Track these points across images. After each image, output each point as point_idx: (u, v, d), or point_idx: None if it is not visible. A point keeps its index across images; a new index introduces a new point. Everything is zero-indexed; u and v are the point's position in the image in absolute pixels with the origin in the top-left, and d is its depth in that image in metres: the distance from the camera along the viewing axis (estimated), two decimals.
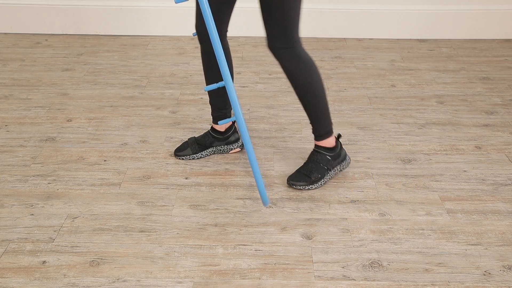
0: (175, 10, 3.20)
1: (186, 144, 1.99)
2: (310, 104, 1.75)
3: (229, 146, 1.99)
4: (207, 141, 1.97)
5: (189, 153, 1.96)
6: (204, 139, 1.98)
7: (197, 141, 1.98)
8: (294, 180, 1.81)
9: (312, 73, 1.70)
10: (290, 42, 1.64)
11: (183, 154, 1.97)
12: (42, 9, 3.20)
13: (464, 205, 1.74)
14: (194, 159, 1.96)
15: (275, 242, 1.58)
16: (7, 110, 2.33)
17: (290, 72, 1.69)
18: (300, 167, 1.84)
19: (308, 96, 1.73)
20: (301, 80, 1.69)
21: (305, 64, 1.68)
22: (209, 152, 1.98)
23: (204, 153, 1.97)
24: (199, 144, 1.97)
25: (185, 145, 1.99)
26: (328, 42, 3.16)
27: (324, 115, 1.78)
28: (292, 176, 1.82)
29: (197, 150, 1.97)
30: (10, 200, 1.75)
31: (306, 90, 1.71)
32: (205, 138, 1.98)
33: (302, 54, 1.67)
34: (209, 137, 1.98)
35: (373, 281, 1.44)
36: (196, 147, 1.97)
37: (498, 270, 1.48)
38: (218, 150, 1.99)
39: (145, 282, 1.43)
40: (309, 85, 1.70)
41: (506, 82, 2.64)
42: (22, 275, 1.45)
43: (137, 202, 1.75)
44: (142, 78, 2.67)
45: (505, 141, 2.11)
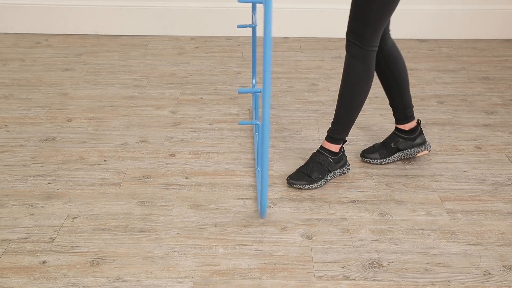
0: (175, 10, 3.20)
1: (374, 148, 1.97)
2: (343, 106, 1.76)
3: (416, 148, 1.95)
4: (393, 142, 1.95)
5: (377, 157, 1.95)
6: (390, 140, 1.96)
7: (384, 144, 1.96)
8: (294, 179, 1.81)
9: (363, 81, 1.71)
10: (368, 44, 1.65)
11: (371, 157, 1.95)
12: (42, 9, 3.20)
13: (464, 205, 1.74)
14: (382, 163, 1.95)
15: (275, 242, 1.58)
16: (7, 110, 2.33)
17: (347, 67, 1.71)
18: (301, 167, 1.84)
19: (346, 98, 1.75)
20: (353, 79, 1.70)
21: (365, 70, 1.70)
22: (396, 158, 1.95)
23: (391, 158, 1.95)
24: (386, 147, 1.95)
25: (373, 149, 1.97)
26: (328, 42, 3.16)
27: (348, 123, 1.80)
28: (292, 175, 1.82)
29: (385, 155, 1.95)
30: (10, 200, 1.75)
31: (350, 92, 1.73)
32: (391, 139, 1.96)
33: (369, 62, 1.69)
34: (395, 137, 1.95)
35: (373, 281, 1.44)
36: (384, 151, 1.95)
37: (498, 270, 1.48)
38: (405, 154, 1.95)
39: (145, 282, 1.43)
40: (354, 90, 1.72)
41: (506, 82, 2.64)
42: (22, 275, 1.45)
43: (137, 202, 1.75)
44: (142, 78, 2.67)
45: (505, 141, 2.11)
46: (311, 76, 2.70)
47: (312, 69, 2.78)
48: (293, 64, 2.84)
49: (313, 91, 2.53)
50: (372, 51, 1.68)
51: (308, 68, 2.79)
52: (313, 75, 2.71)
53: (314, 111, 2.34)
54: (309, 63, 2.86)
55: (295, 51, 3.03)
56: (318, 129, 2.19)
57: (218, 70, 2.77)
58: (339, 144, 1.84)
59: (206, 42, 3.14)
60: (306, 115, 2.31)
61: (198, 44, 3.11)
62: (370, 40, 1.65)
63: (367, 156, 1.95)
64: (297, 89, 2.54)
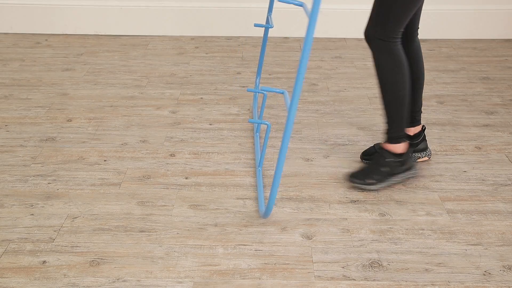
0: (175, 10, 3.20)
1: (374, 149, 1.93)
2: (390, 103, 1.74)
3: (417, 154, 1.94)
4: None
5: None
6: None
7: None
8: (353, 177, 1.80)
9: (396, 73, 1.69)
10: (387, 36, 1.64)
11: (371, 159, 1.91)
12: (42, 9, 3.20)
13: (464, 205, 1.74)
14: None
15: (275, 242, 1.58)
16: (7, 110, 2.33)
17: (376, 64, 1.70)
18: (365, 166, 1.83)
19: (388, 95, 1.73)
20: (384, 74, 1.69)
21: (393, 61, 1.67)
22: None
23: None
24: None
25: (373, 149, 1.93)
26: (328, 42, 3.16)
27: (401, 118, 1.76)
28: (354, 173, 1.81)
29: None
30: (10, 200, 1.75)
31: (388, 88, 1.71)
32: None
33: (394, 52, 1.67)
34: None
35: (373, 281, 1.44)
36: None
37: (498, 270, 1.48)
38: None
39: (145, 282, 1.43)
40: (390, 83, 1.70)
41: (506, 82, 2.64)
42: (22, 275, 1.45)
43: (137, 202, 1.75)
44: (142, 78, 2.67)
45: (505, 141, 2.11)
46: (311, 76, 2.70)
47: (312, 69, 2.78)
48: (293, 64, 2.84)
49: (313, 91, 2.53)
50: (395, 42, 1.66)
51: (308, 68, 2.79)
52: (313, 75, 2.71)
53: (314, 111, 2.34)
54: (309, 63, 2.86)
55: (295, 51, 3.03)
56: (318, 129, 2.19)
57: (218, 70, 2.77)
58: (399, 143, 1.79)
59: (206, 42, 3.14)
60: (306, 115, 2.31)
61: (198, 44, 3.11)
62: (392, 32, 1.64)
63: (367, 158, 1.94)
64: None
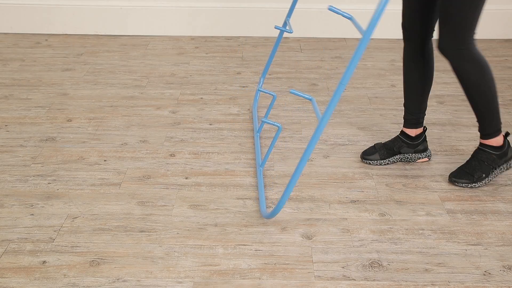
0: (175, 10, 3.20)
1: (374, 148, 1.95)
2: (478, 103, 1.74)
3: (417, 155, 1.94)
4: (395, 146, 1.93)
5: (377, 158, 1.93)
6: (393, 143, 1.94)
7: (385, 146, 1.95)
8: (456, 177, 1.81)
9: (483, 74, 1.69)
10: (463, 43, 1.63)
11: (371, 158, 1.93)
12: (42, 9, 3.20)
13: (464, 205, 1.74)
14: (382, 164, 1.94)
15: (275, 242, 1.58)
16: (7, 110, 2.33)
17: (459, 72, 1.69)
18: (463, 165, 1.83)
19: (476, 96, 1.73)
20: (470, 80, 1.69)
21: (476, 65, 1.67)
22: (396, 159, 1.94)
23: (391, 160, 1.94)
24: (387, 149, 1.94)
25: (373, 149, 1.95)
26: (328, 42, 3.16)
27: (493, 115, 1.76)
28: (455, 173, 1.82)
29: (385, 156, 1.93)
30: (10, 200, 1.75)
31: (475, 90, 1.71)
32: (394, 143, 1.94)
33: (475, 55, 1.66)
34: (398, 142, 1.93)
35: (373, 281, 1.44)
36: (384, 152, 1.93)
37: (498, 270, 1.48)
38: (406, 157, 1.94)
39: (145, 282, 1.43)
40: (478, 86, 1.70)
41: (506, 82, 2.64)
42: (22, 275, 1.45)
43: (137, 202, 1.75)
44: (142, 78, 2.67)
45: None
46: (311, 76, 2.70)
47: (312, 69, 2.78)
48: (293, 64, 2.84)
49: (313, 91, 2.53)
50: (472, 46, 1.65)
51: (308, 68, 2.79)
52: (313, 75, 2.71)
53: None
54: (309, 63, 2.86)
55: (295, 51, 3.03)
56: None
57: (218, 70, 2.77)
58: (497, 136, 1.79)
59: (206, 42, 3.14)
60: (306, 115, 2.31)
61: (198, 44, 3.11)
62: (468, 38, 1.63)
63: (367, 158, 1.94)
64: (297, 89, 2.54)
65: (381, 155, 1.94)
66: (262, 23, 3.21)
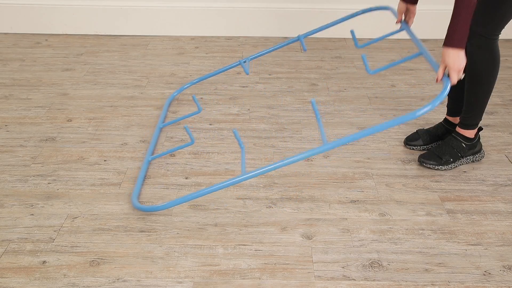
0: (175, 10, 3.20)
1: (417, 134, 2.03)
2: (473, 94, 1.81)
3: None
4: (439, 132, 2.01)
5: (420, 143, 2.01)
6: (436, 130, 2.02)
7: (428, 132, 2.02)
8: (425, 158, 1.90)
9: (492, 70, 1.76)
10: (492, 33, 1.71)
11: (415, 144, 2.02)
12: (42, 9, 3.20)
13: (464, 205, 1.74)
14: (425, 150, 2.01)
15: (275, 242, 1.58)
16: (7, 110, 2.33)
17: (474, 61, 1.75)
18: (434, 148, 1.92)
19: (475, 87, 1.79)
20: (479, 69, 1.74)
21: (494, 58, 1.74)
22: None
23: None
24: (430, 135, 2.01)
25: (416, 135, 2.03)
26: (328, 42, 3.16)
27: (481, 109, 1.85)
28: (424, 155, 1.91)
29: (428, 141, 2.01)
30: (10, 200, 1.75)
31: (477, 81, 1.77)
32: (437, 129, 2.02)
33: (496, 49, 1.74)
34: (441, 128, 2.01)
35: (373, 281, 1.44)
36: (427, 138, 2.01)
37: (498, 270, 1.48)
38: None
39: (145, 282, 1.43)
40: (482, 79, 1.77)
41: (506, 82, 2.64)
42: (22, 275, 1.45)
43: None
44: (142, 78, 2.67)
45: (505, 141, 2.11)
46: (311, 76, 2.70)
47: (312, 69, 2.78)
48: (293, 64, 2.84)
49: (313, 91, 2.53)
50: (496, 40, 1.73)
51: (308, 68, 2.79)
52: (313, 75, 2.71)
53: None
54: (309, 63, 2.86)
55: (295, 51, 3.03)
56: (318, 129, 2.19)
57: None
58: (473, 130, 1.89)
59: (206, 42, 3.14)
60: (306, 115, 2.31)
61: (198, 44, 3.11)
62: (495, 30, 1.71)
63: (410, 144, 2.03)
64: (297, 89, 2.54)
65: (424, 140, 2.01)
66: (262, 23, 3.21)
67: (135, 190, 1.75)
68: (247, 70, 2.12)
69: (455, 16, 1.53)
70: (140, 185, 1.79)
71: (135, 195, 1.73)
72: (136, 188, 1.76)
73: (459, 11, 1.51)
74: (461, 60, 1.54)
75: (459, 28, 1.52)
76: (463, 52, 1.54)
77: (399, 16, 1.92)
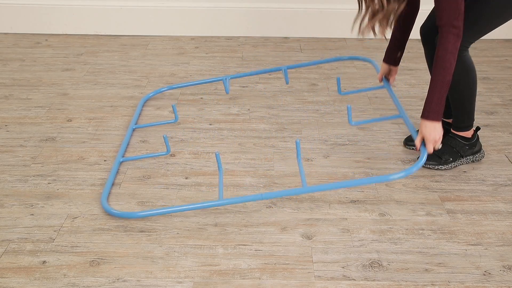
0: (175, 10, 3.20)
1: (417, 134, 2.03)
2: (456, 101, 1.85)
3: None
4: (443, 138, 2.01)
5: None
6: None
7: None
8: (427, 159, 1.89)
9: (467, 78, 1.78)
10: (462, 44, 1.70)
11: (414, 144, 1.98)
12: (42, 9, 3.20)
13: (464, 205, 1.74)
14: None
15: (275, 242, 1.58)
16: (7, 110, 2.33)
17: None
18: None
19: (456, 94, 1.83)
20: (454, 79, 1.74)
21: (464, 68, 1.76)
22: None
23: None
24: None
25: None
26: (328, 42, 3.16)
27: (466, 113, 1.88)
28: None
29: None
30: (10, 200, 1.75)
31: (457, 89, 1.81)
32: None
33: (466, 61, 1.76)
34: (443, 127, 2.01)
35: (373, 281, 1.44)
36: None
37: (498, 270, 1.48)
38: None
39: (145, 282, 1.43)
40: (460, 86, 1.80)
41: (506, 82, 2.64)
42: (22, 275, 1.45)
43: (137, 202, 1.75)
44: (142, 78, 2.67)
45: (505, 141, 2.11)
46: (311, 76, 2.70)
47: (312, 69, 2.78)
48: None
49: (313, 91, 2.53)
50: (464, 51, 1.73)
51: (308, 68, 2.79)
52: (313, 75, 2.71)
53: (314, 111, 2.34)
54: None
55: (295, 51, 3.03)
56: (318, 129, 2.19)
57: (218, 70, 2.77)
58: (468, 131, 1.90)
59: (206, 42, 3.14)
60: (306, 115, 2.31)
61: (198, 44, 3.11)
62: (467, 43, 1.71)
63: (410, 144, 2.03)
64: (297, 89, 2.54)
65: None
66: (262, 23, 3.21)
67: (104, 191, 1.75)
68: (227, 89, 2.20)
69: (430, 93, 1.63)
70: (109, 186, 1.78)
71: (104, 196, 1.73)
72: (105, 189, 1.76)
73: (434, 89, 1.62)
74: (437, 132, 1.64)
75: (434, 103, 1.63)
76: (439, 124, 1.65)
77: (380, 76, 2.04)
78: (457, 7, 1.56)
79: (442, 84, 1.60)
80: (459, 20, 1.57)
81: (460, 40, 1.60)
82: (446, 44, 1.58)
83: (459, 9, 1.57)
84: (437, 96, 1.62)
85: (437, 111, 1.63)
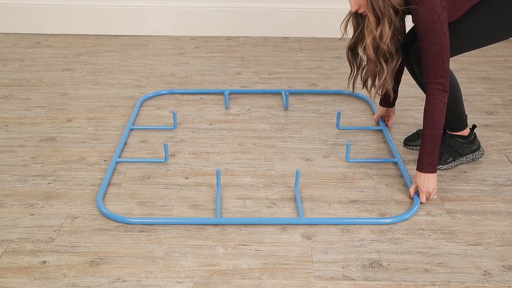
0: (175, 10, 3.20)
1: (417, 135, 2.05)
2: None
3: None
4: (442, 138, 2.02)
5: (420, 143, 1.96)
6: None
7: None
8: None
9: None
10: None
11: (414, 144, 2.03)
12: (42, 9, 3.20)
13: (464, 205, 1.74)
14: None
15: (275, 242, 1.58)
16: (7, 110, 2.33)
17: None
18: None
19: None
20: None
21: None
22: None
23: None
24: None
25: (416, 136, 2.05)
26: (328, 42, 3.16)
27: (456, 117, 1.89)
28: None
29: None
30: (10, 200, 1.75)
31: None
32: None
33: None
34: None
35: (373, 281, 1.44)
36: None
37: (498, 270, 1.48)
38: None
39: (145, 282, 1.43)
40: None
41: (506, 82, 2.64)
42: (22, 275, 1.45)
43: (137, 202, 1.75)
44: (142, 78, 2.67)
45: (505, 141, 2.11)
46: (311, 76, 2.70)
47: (312, 69, 2.78)
48: (293, 64, 2.84)
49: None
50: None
51: (308, 68, 2.79)
52: (313, 75, 2.71)
53: (314, 111, 2.34)
54: (309, 63, 2.86)
55: (295, 51, 3.03)
56: (318, 129, 2.19)
57: (218, 70, 2.77)
58: (464, 130, 1.91)
59: (206, 42, 3.14)
60: (306, 115, 2.31)
61: (198, 44, 3.11)
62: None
63: (409, 144, 2.04)
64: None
65: None
66: (262, 23, 3.21)
67: (100, 191, 1.75)
68: (227, 103, 2.30)
69: (423, 147, 1.72)
70: (105, 187, 1.78)
71: (100, 197, 1.73)
72: (101, 190, 1.76)
73: (425, 143, 1.71)
74: (430, 183, 1.71)
75: (427, 157, 1.71)
76: (433, 175, 1.72)
77: (377, 117, 2.13)
78: (443, 66, 1.64)
79: (433, 138, 1.69)
80: (445, 77, 1.65)
81: (447, 94, 1.67)
82: (433, 101, 1.67)
83: (444, 68, 1.64)
84: (429, 149, 1.70)
85: (431, 163, 1.71)
